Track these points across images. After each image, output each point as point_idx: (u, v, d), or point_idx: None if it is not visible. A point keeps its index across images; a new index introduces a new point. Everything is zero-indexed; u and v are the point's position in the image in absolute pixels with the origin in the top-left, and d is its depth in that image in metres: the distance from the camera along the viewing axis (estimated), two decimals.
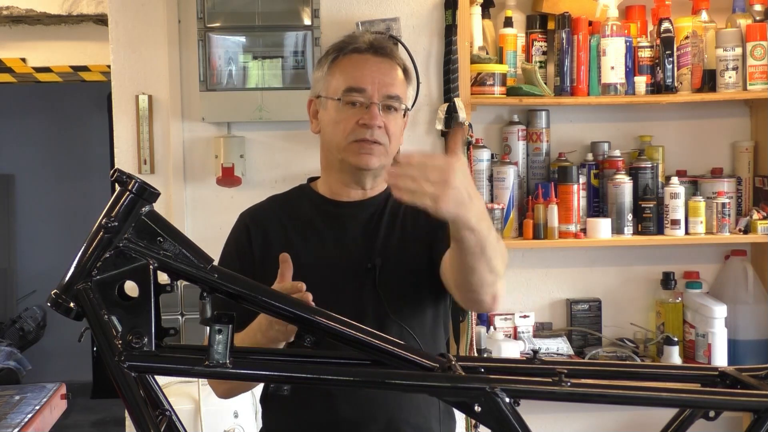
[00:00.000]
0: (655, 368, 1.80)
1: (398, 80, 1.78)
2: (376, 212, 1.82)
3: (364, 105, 1.74)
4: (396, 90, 1.76)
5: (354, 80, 1.75)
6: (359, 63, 1.77)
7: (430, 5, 3.14)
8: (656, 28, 3.09)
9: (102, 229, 1.26)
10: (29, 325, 6.30)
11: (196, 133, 3.13)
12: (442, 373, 1.27)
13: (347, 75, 1.76)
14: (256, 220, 1.85)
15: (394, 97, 1.76)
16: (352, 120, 1.74)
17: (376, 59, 1.77)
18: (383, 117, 1.74)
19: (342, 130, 1.75)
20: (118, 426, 4.47)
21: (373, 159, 1.75)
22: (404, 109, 1.80)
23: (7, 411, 2.95)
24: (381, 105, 1.74)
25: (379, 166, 1.77)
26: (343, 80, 1.76)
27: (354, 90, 1.74)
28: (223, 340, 1.23)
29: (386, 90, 1.75)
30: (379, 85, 1.74)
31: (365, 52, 1.78)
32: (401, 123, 1.80)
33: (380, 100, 1.74)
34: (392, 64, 1.79)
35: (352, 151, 1.75)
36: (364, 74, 1.75)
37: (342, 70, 1.77)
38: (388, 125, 1.75)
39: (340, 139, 1.76)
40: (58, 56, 4.19)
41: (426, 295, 1.79)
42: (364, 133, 1.73)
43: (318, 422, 1.73)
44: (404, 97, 1.79)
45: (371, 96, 1.74)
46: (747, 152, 3.25)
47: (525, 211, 3.12)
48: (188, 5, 3.06)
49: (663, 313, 3.21)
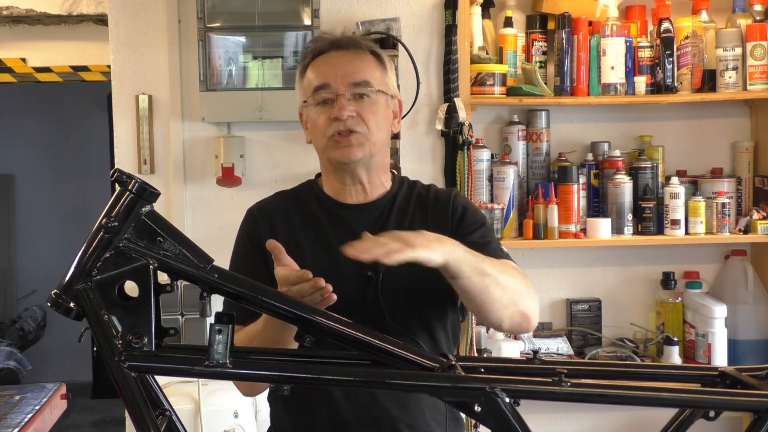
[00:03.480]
0: (655, 368, 1.80)
1: (364, 66, 1.76)
2: (381, 215, 1.81)
3: (333, 100, 1.73)
4: (361, 75, 1.74)
5: (318, 79, 1.75)
6: (322, 62, 1.77)
7: (430, 5, 3.14)
8: (656, 28, 3.09)
9: (102, 229, 1.26)
10: (29, 325, 6.30)
11: (196, 133, 3.13)
12: (442, 373, 1.27)
13: (312, 77, 1.76)
14: (264, 212, 1.85)
15: (361, 83, 1.74)
16: (325, 117, 1.74)
17: (338, 53, 1.76)
18: (355, 105, 1.73)
19: (320, 130, 1.75)
20: (118, 426, 4.47)
21: (354, 150, 1.74)
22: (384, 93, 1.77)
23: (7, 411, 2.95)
24: (350, 94, 1.73)
25: (364, 155, 1.75)
26: (310, 82, 1.77)
27: (320, 88, 1.74)
28: (223, 340, 1.23)
29: (350, 78, 1.73)
30: (342, 76, 1.73)
31: (328, 51, 1.77)
32: (381, 107, 1.77)
33: (346, 89, 1.73)
34: (356, 52, 1.77)
35: (332, 147, 1.75)
36: (327, 70, 1.75)
37: (309, 74, 1.78)
38: (361, 112, 1.73)
39: (321, 139, 1.76)
40: (58, 56, 4.19)
41: (432, 304, 1.78)
42: (337, 126, 1.73)
43: (321, 422, 1.73)
44: (376, 79, 1.76)
45: (336, 89, 1.73)
46: (747, 152, 3.25)
47: (525, 211, 3.12)
48: (188, 5, 3.06)
49: (663, 313, 3.21)
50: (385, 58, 1.82)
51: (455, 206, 1.83)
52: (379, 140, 1.78)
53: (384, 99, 1.78)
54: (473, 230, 1.79)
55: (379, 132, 1.77)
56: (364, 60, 1.77)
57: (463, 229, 1.79)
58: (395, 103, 1.83)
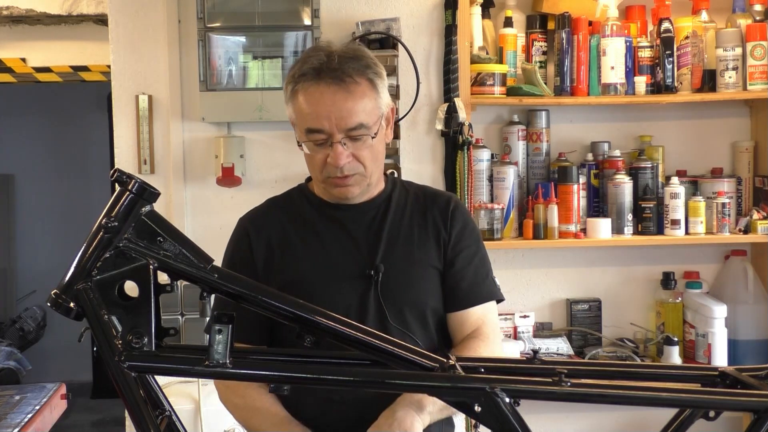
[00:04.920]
0: (655, 368, 1.80)
1: (358, 104, 1.67)
2: (378, 214, 1.81)
3: (328, 142, 1.69)
4: (356, 119, 1.67)
5: (311, 121, 1.68)
6: (313, 98, 1.68)
7: (430, 5, 3.14)
8: (656, 28, 3.09)
9: (102, 229, 1.26)
10: (29, 325, 6.30)
11: (196, 133, 3.13)
12: (442, 373, 1.27)
13: (304, 114, 1.69)
14: (257, 225, 1.83)
15: (356, 127, 1.68)
16: (321, 158, 1.71)
17: (329, 89, 1.67)
18: (351, 148, 1.69)
19: (315, 166, 1.73)
20: (118, 426, 4.47)
21: (351, 189, 1.74)
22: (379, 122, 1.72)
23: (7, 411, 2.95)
24: (344, 139, 1.68)
25: (361, 190, 1.76)
26: (302, 120, 1.70)
27: (313, 131, 1.69)
28: (223, 340, 1.23)
29: (345, 123, 1.67)
30: (337, 120, 1.66)
31: (318, 81, 1.67)
32: (377, 141, 1.73)
33: (342, 135, 1.68)
34: (348, 89, 1.67)
35: (330, 185, 1.74)
36: (319, 111, 1.67)
37: (299, 106, 1.70)
38: (358, 154, 1.70)
39: (316, 173, 1.75)
40: (58, 56, 4.19)
41: (432, 301, 1.78)
42: (334, 172, 1.70)
43: (320, 423, 1.73)
44: (371, 116, 1.70)
45: (331, 134, 1.67)
46: (747, 152, 3.25)
47: (525, 211, 3.12)
48: (188, 5, 3.06)
49: (663, 313, 3.21)
50: (377, 74, 1.73)
51: (454, 220, 1.83)
52: (377, 169, 1.77)
53: (381, 130, 1.73)
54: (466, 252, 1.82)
55: (376, 166, 1.76)
56: (357, 95, 1.68)
57: (459, 247, 1.81)
58: (389, 113, 1.78)
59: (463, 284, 1.78)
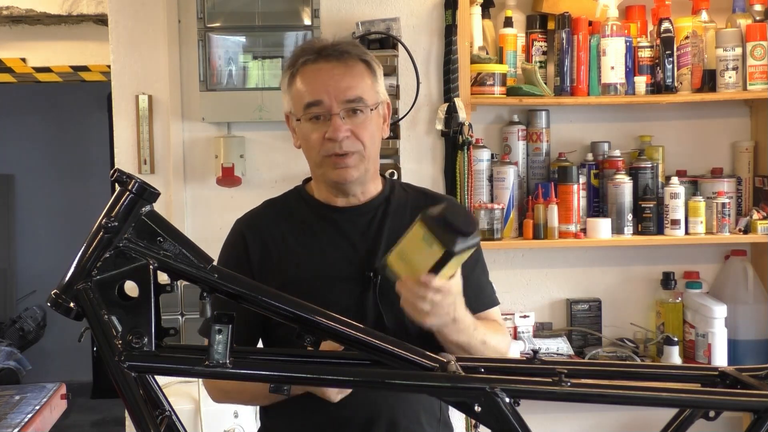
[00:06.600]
0: (655, 368, 1.80)
1: (357, 80, 1.70)
2: (375, 216, 1.79)
3: (326, 117, 1.69)
4: (354, 92, 1.69)
5: (309, 94, 1.69)
6: (312, 74, 1.71)
7: (430, 5, 3.14)
8: (656, 28, 3.09)
9: (102, 229, 1.26)
10: (29, 325, 6.31)
11: (196, 133, 3.13)
12: (442, 373, 1.27)
13: (303, 90, 1.71)
14: (253, 227, 1.81)
15: (355, 100, 1.69)
16: (319, 135, 1.70)
17: (328, 65, 1.70)
18: (349, 123, 1.69)
19: (312, 146, 1.72)
20: (118, 426, 4.47)
21: (350, 171, 1.72)
22: (376, 104, 1.73)
23: (7, 411, 2.95)
24: (343, 112, 1.69)
25: (360, 174, 1.74)
26: (301, 97, 1.71)
27: (312, 104, 1.70)
28: (223, 340, 1.23)
29: (343, 95, 1.68)
30: (335, 93, 1.68)
31: (317, 61, 1.71)
32: (374, 120, 1.74)
33: (340, 107, 1.68)
34: (347, 64, 1.71)
35: (328, 166, 1.73)
36: (318, 85, 1.69)
37: (298, 85, 1.72)
38: (356, 130, 1.70)
39: (314, 155, 1.74)
40: (58, 56, 4.19)
41: None
42: (333, 147, 1.69)
43: (318, 424, 1.72)
44: (368, 93, 1.72)
45: (329, 107, 1.68)
46: (747, 152, 3.25)
47: (525, 211, 3.12)
48: (188, 5, 3.06)
49: (663, 313, 3.21)
50: (375, 63, 1.76)
51: None
52: (374, 154, 1.76)
53: (376, 111, 1.75)
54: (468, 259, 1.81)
55: (373, 146, 1.75)
56: (355, 72, 1.71)
57: None
58: (385, 106, 1.79)
59: (469, 292, 1.76)
